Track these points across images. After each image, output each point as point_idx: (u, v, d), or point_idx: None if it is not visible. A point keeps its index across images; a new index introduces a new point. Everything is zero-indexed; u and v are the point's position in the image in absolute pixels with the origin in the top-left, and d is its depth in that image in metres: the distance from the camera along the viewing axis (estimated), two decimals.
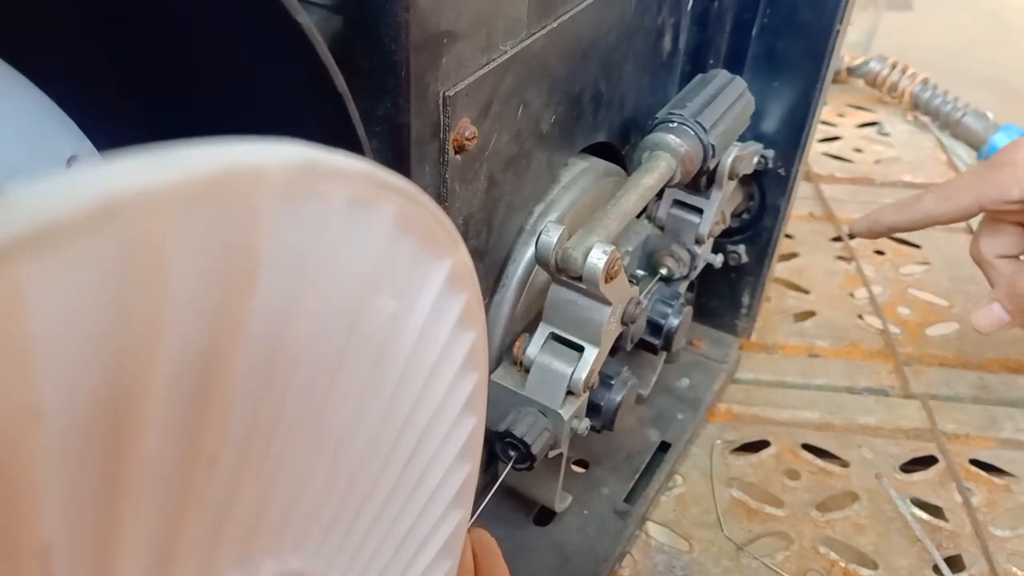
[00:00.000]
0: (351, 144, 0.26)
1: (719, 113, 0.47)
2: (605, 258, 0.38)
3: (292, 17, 0.20)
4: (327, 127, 0.26)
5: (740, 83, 0.51)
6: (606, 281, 0.38)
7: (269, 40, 0.22)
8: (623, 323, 0.43)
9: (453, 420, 0.23)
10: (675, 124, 0.46)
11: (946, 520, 0.55)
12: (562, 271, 0.39)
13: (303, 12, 0.21)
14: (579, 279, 0.39)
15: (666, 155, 0.46)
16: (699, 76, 0.51)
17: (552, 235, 0.38)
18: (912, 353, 0.68)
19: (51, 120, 0.25)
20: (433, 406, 0.22)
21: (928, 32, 1.22)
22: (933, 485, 0.58)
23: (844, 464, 0.59)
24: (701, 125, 0.46)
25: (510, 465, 0.42)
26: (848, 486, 0.57)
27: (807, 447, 0.60)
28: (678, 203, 0.53)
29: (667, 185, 0.46)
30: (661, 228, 0.54)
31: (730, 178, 0.51)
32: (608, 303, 0.40)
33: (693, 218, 0.53)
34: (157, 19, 0.24)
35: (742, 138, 0.53)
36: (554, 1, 0.38)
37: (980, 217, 0.53)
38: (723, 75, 0.51)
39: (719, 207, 0.52)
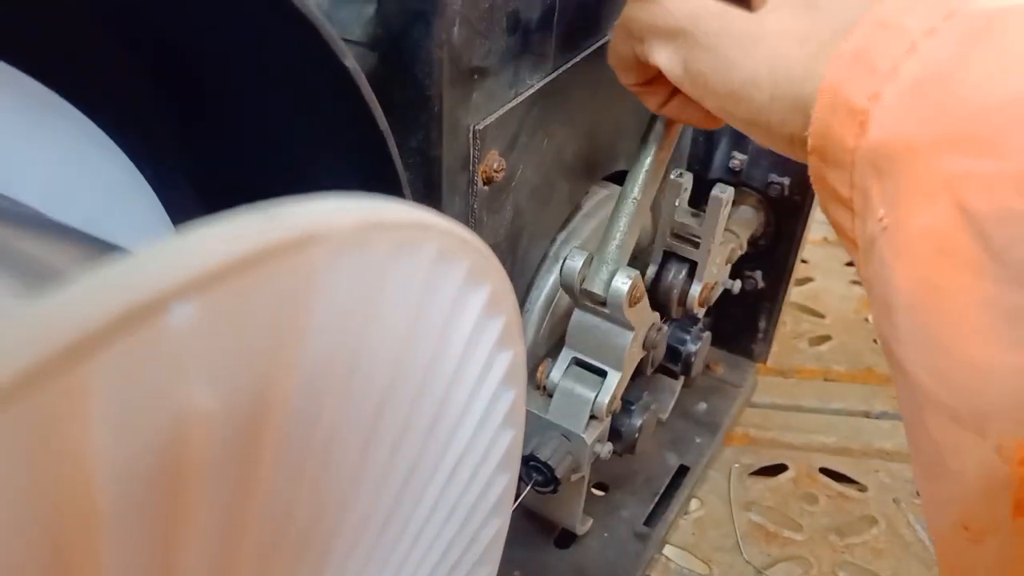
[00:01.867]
0: (389, 177, 0.27)
1: None
2: (629, 283, 0.38)
3: (341, 61, 0.21)
4: (366, 161, 0.27)
5: None
6: (630, 305, 0.39)
7: (316, 81, 0.23)
8: (644, 348, 0.43)
9: (493, 434, 0.24)
10: None
11: None
12: (586, 296, 0.40)
13: (351, 56, 0.22)
14: (603, 304, 0.39)
15: None
16: None
17: (577, 261, 0.39)
18: None
19: (137, 188, 0.27)
20: (474, 422, 0.23)
21: None
22: None
23: (862, 488, 0.59)
24: None
25: (530, 486, 0.43)
26: (866, 511, 0.57)
27: (824, 471, 0.60)
28: None
29: None
30: None
31: None
32: (631, 328, 0.41)
33: None
34: (209, 61, 0.25)
35: None
36: (578, 36, 0.39)
37: None
38: None
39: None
